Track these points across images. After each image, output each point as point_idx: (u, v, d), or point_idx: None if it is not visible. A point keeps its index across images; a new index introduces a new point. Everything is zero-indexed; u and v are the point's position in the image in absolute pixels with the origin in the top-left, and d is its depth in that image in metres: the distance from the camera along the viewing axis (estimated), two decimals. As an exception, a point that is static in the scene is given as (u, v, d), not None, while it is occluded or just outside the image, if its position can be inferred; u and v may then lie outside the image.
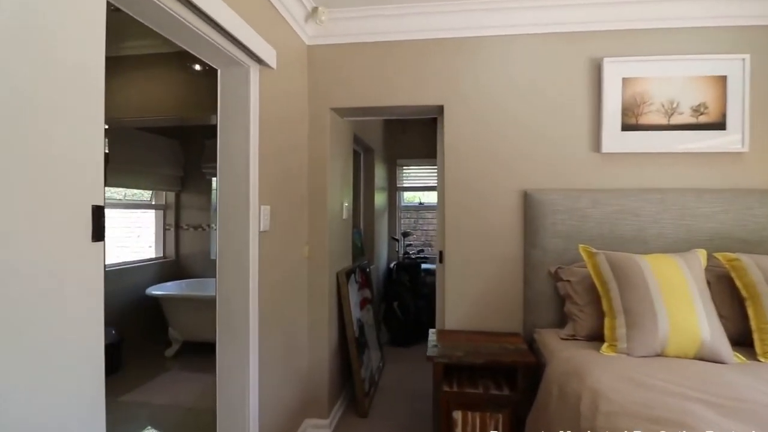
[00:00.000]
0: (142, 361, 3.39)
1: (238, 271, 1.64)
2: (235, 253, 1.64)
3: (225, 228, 1.66)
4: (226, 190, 1.66)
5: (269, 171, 1.81)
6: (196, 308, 3.44)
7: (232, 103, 1.66)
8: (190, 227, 4.27)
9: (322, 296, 2.34)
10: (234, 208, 1.65)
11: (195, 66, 2.45)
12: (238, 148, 1.65)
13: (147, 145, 3.74)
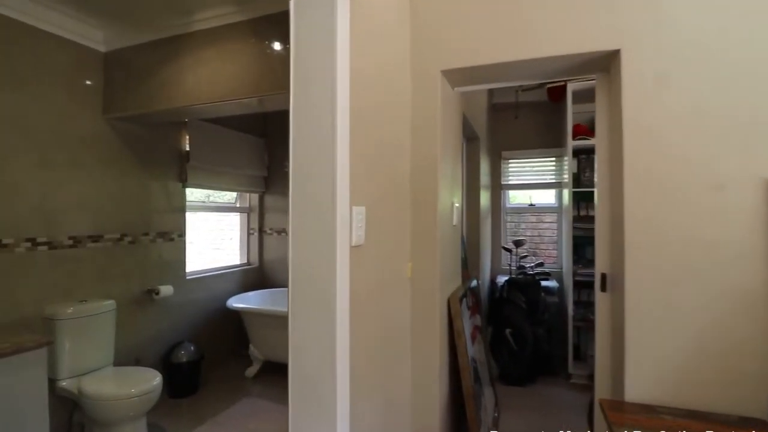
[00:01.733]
0: (221, 381, 3.08)
1: (318, 309, 1.06)
2: (314, 283, 1.06)
3: (299, 243, 1.09)
4: (300, 183, 1.09)
5: (361, 153, 1.21)
6: (277, 325, 3.04)
7: (310, 47, 1.08)
8: (274, 231, 3.96)
9: (430, 332, 1.69)
10: (311, 210, 1.07)
11: (274, 45, 2.00)
12: (319, 116, 1.07)
13: (231, 143, 3.48)
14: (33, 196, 2.07)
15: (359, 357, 1.20)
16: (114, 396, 1.97)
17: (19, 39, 2.00)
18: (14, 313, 1.99)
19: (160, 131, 2.80)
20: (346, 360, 1.09)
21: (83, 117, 2.31)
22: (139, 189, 2.66)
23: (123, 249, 2.55)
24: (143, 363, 2.60)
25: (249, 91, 2.02)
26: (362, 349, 1.23)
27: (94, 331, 2.21)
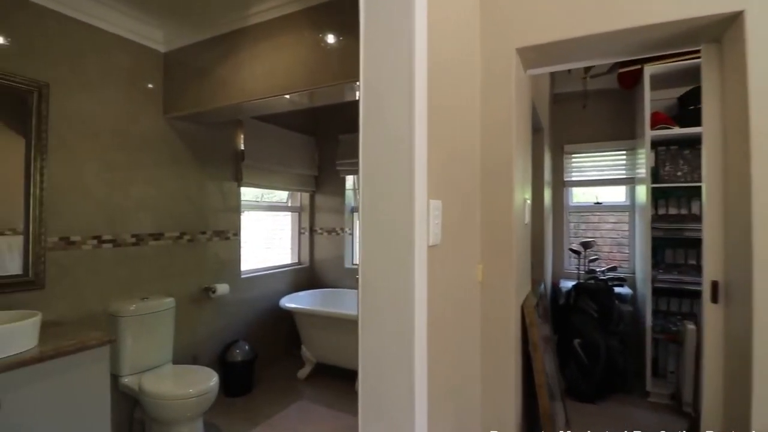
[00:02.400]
0: (274, 381, 3.05)
1: (393, 320, 0.92)
2: (388, 289, 0.92)
3: (370, 242, 0.95)
4: (372, 174, 0.96)
5: (434, 141, 1.06)
6: (329, 327, 2.96)
7: (383, 22, 0.94)
8: (324, 231, 3.90)
9: (504, 344, 1.50)
10: (384, 204, 0.93)
11: (328, 35, 1.90)
12: (394, 100, 0.92)
13: (283, 142, 3.46)
14: (99, 195, 2.12)
15: (436, 374, 1.04)
16: (172, 396, 1.96)
17: (85, 41, 2.05)
18: (82, 308, 2.03)
19: (217, 130, 2.82)
20: (424, 377, 0.94)
21: (145, 118, 2.34)
22: (196, 188, 2.68)
23: (182, 247, 2.57)
24: (200, 361, 2.62)
25: (303, 83, 1.94)
26: (438, 364, 1.07)
27: (154, 328, 2.23)
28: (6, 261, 1.79)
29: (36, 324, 1.55)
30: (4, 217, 1.80)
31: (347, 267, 3.80)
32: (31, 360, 1.42)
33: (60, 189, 1.94)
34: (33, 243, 1.83)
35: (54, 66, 1.92)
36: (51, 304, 1.89)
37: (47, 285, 1.89)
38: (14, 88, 1.78)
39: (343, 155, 3.71)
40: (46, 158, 1.88)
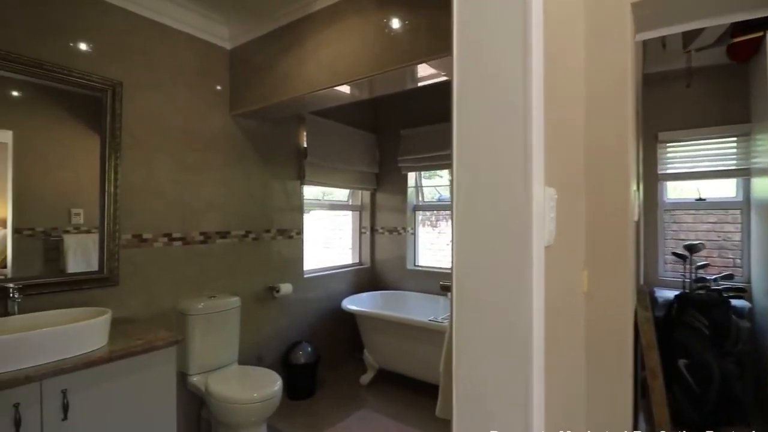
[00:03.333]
0: (336, 386, 2.94)
1: (503, 344, 0.70)
2: (495, 303, 0.70)
3: (469, 243, 0.74)
4: (471, 158, 0.74)
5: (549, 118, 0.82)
6: (394, 333, 2.79)
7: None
8: (386, 231, 3.75)
9: (616, 370, 1.21)
10: (492, 194, 0.71)
11: (394, 17, 1.73)
12: (501, 46, 0.70)
13: (345, 139, 3.36)
14: (169, 193, 2.12)
15: (552, 409, 0.81)
16: (236, 399, 1.89)
17: (155, 39, 2.06)
18: (154, 306, 2.04)
19: (280, 128, 2.77)
20: (541, 414, 0.71)
21: (212, 116, 2.33)
22: (261, 186, 2.64)
23: (247, 246, 2.54)
24: (265, 362, 2.57)
25: (370, 68, 1.78)
26: (553, 394, 0.84)
27: (221, 327, 2.20)
28: (85, 258, 1.82)
29: (106, 322, 1.53)
30: (85, 216, 1.83)
31: (409, 268, 3.61)
32: (99, 360, 1.40)
33: (132, 186, 1.96)
34: (108, 240, 1.86)
35: (126, 64, 1.94)
36: (124, 301, 1.91)
37: (121, 282, 1.91)
38: (90, 86, 1.81)
39: (405, 151, 3.53)
40: (120, 156, 1.90)
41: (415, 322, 2.62)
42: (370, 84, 2.00)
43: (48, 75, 1.67)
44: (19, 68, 1.59)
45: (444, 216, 3.72)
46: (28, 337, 1.31)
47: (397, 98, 3.64)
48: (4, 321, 1.46)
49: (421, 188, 3.77)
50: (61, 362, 1.33)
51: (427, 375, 2.68)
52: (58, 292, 1.70)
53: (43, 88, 1.70)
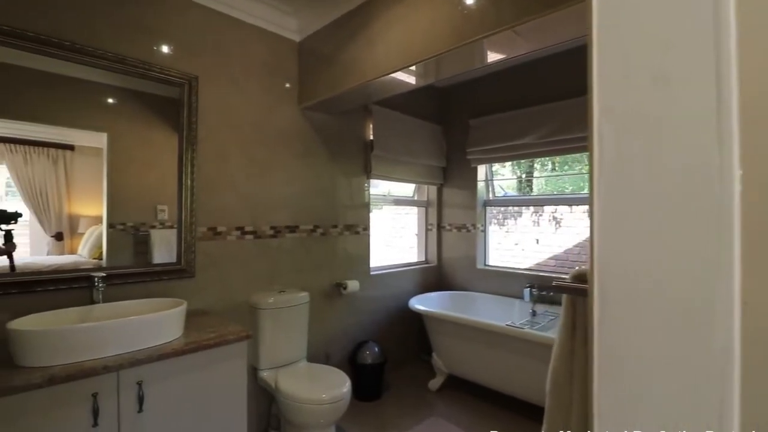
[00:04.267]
0: (403, 389, 2.78)
1: (686, 355, 0.47)
2: (676, 306, 0.48)
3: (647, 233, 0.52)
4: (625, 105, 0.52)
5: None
6: (467, 337, 2.56)
7: None
8: (453, 228, 3.52)
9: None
10: (665, 158, 0.49)
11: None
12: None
13: (411, 131, 3.19)
14: (241, 187, 2.11)
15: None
16: (305, 399, 1.80)
17: (228, 33, 2.05)
18: (227, 298, 2.04)
19: (347, 121, 2.68)
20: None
21: (281, 109, 2.29)
22: (328, 180, 2.57)
23: (315, 241, 2.48)
24: (332, 360, 2.49)
25: (445, 42, 1.58)
26: None
27: (291, 322, 2.14)
28: (168, 252, 1.85)
29: (182, 313, 1.51)
30: (169, 212, 1.86)
31: (479, 268, 3.34)
32: (173, 352, 1.37)
33: (207, 179, 1.96)
34: (185, 232, 1.87)
35: (201, 59, 1.94)
36: (199, 292, 1.91)
37: (197, 274, 1.91)
38: (169, 80, 1.83)
39: (475, 142, 3.27)
40: (196, 149, 1.90)
41: (493, 326, 2.37)
42: (437, 66, 1.82)
43: (130, 70, 1.70)
44: (104, 64, 1.63)
45: (512, 213, 3.41)
46: (106, 326, 1.30)
47: (464, 86, 3.40)
48: (88, 309, 1.50)
49: (492, 182, 3.49)
50: (138, 353, 1.31)
51: (504, 386, 2.42)
52: (140, 282, 1.73)
53: (133, 93, 1.76)
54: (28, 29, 1.45)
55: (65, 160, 1.65)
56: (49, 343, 1.20)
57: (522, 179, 3.56)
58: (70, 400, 1.18)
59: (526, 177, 3.54)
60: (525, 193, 3.49)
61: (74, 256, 1.69)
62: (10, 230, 1.49)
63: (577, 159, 3.11)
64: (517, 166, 3.55)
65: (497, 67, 3.03)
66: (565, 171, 3.27)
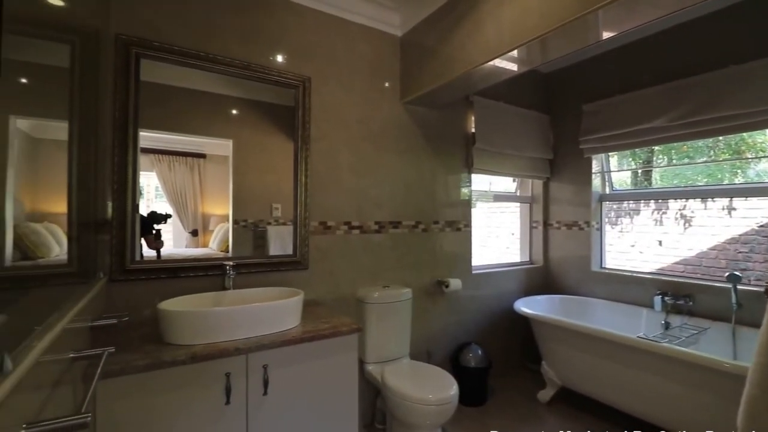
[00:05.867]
0: (509, 397, 2.56)
1: None
2: None
3: None
4: None
5: None
6: (583, 347, 2.25)
7: None
8: (562, 225, 3.16)
9: None
10: None
11: None
12: None
13: (514, 121, 2.94)
14: (348, 182, 2.13)
15: None
16: (411, 398, 1.72)
17: (336, 33, 2.09)
18: (336, 291, 2.07)
19: (448, 113, 2.56)
20: None
21: (385, 105, 2.27)
22: (430, 175, 2.47)
23: (417, 237, 2.41)
24: (434, 359, 2.39)
25: (565, 14, 1.37)
26: None
27: (394, 318, 2.10)
28: (282, 245, 1.94)
29: (300, 303, 1.55)
30: (282, 210, 1.95)
31: (594, 270, 2.94)
32: (293, 339, 1.39)
33: (318, 176, 2.01)
34: (300, 227, 1.94)
35: (313, 60, 2.00)
36: (312, 284, 1.97)
37: (310, 266, 1.97)
38: (285, 83, 1.91)
39: (590, 129, 2.88)
40: (309, 148, 1.96)
41: (621, 338, 2.03)
42: (543, 48, 1.60)
43: (253, 75, 1.81)
44: (233, 71, 1.76)
45: (628, 211, 2.93)
46: (239, 311, 1.38)
47: (573, 69, 3.03)
48: (221, 295, 1.62)
49: (609, 174, 3.05)
50: (263, 338, 1.36)
51: (633, 407, 2.06)
52: (261, 272, 1.84)
53: (253, 102, 1.88)
54: (174, 44, 1.63)
55: (199, 167, 1.82)
56: (192, 323, 1.30)
57: (639, 172, 3.05)
58: (208, 377, 1.26)
59: (644, 168, 3.02)
60: (643, 186, 2.98)
61: (206, 249, 1.86)
62: (159, 229, 1.69)
63: (708, 145, 2.55)
64: (632, 156, 3.05)
65: (617, 42, 2.63)
66: (692, 159, 2.69)
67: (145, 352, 1.22)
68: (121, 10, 1.53)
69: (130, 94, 1.51)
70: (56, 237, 1.00)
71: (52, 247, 0.97)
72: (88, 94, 1.26)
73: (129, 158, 1.51)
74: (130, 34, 1.54)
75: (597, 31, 1.52)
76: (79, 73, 1.19)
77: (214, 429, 1.27)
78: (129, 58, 1.52)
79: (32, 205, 0.90)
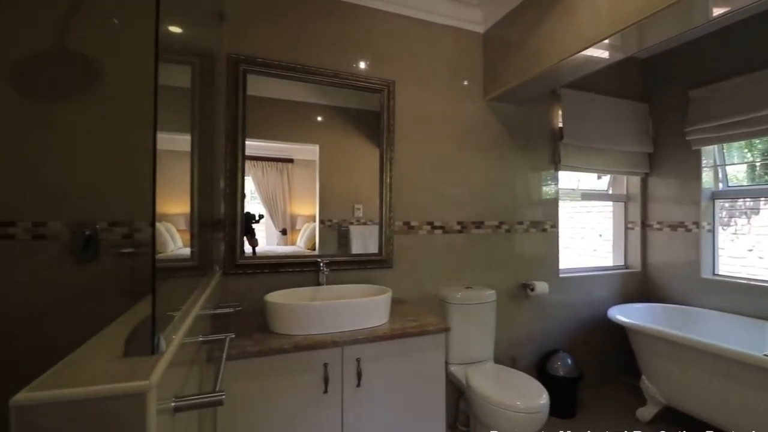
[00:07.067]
0: (602, 412, 2.33)
1: None
2: None
3: None
4: None
5: None
6: (694, 363, 1.97)
7: None
8: (664, 226, 2.80)
9: None
10: None
11: None
12: None
13: (606, 113, 2.68)
14: (430, 182, 2.11)
15: None
16: (498, 402, 1.65)
17: (419, 35, 2.08)
18: (419, 290, 2.07)
19: (533, 109, 2.41)
20: None
21: (467, 103, 2.21)
22: (513, 174, 2.36)
23: (500, 237, 2.31)
24: (519, 365, 2.27)
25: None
26: None
27: (477, 320, 2.03)
28: (363, 244, 1.99)
29: (388, 300, 1.56)
30: (364, 210, 2.00)
31: (705, 277, 2.55)
32: (383, 336, 1.41)
33: (402, 177, 2.03)
34: (385, 226, 1.97)
35: (396, 64, 2.02)
36: (396, 282, 1.98)
37: (394, 265, 1.99)
38: (371, 88, 1.95)
39: (698, 118, 2.51)
40: (394, 149, 1.98)
41: (744, 356, 1.73)
42: (644, 31, 1.41)
43: (342, 82, 1.88)
44: (324, 80, 1.85)
45: (744, 210, 2.48)
46: (335, 305, 1.44)
47: (676, 52, 2.66)
48: (316, 290, 1.70)
49: (724, 168, 2.63)
50: (356, 332, 1.40)
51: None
52: (349, 269, 1.90)
53: (336, 109, 1.95)
54: (275, 59, 1.75)
55: (287, 171, 1.94)
56: (294, 315, 1.39)
57: (756, 165, 2.57)
58: (308, 366, 1.33)
59: (764, 160, 2.54)
60: (763, 181, 2.51)
61: (294, 246, 1.97)
62: (253, 228, 1.83)
63: None
64: (747, 147, 2.58)
65: (732, 18, 2.25)
66: None
67: (256, 340, 1.32)
68: (231, 32, 1.69)
69: (239, 107, 1.66)
70: (171, 234, 1.12)
71: (169, 243, 1.10)
72: (205, 108, 1.40)
73: (238, 164, 1.66)
74: (238, 52, 1.69)
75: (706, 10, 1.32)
76: (199, 90, 1.33)
77: (313, 415, 1.34)
78: (238, 74, 1.67)
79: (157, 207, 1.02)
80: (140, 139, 1.36)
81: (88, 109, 1.37)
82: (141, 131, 1.37)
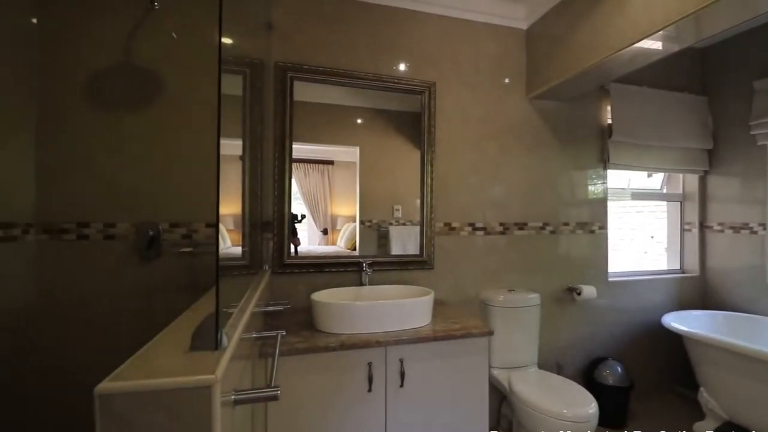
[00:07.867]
0: (655, 424, 2.17)
1: None
2: None
3: None
4: None
5: None
6: (759, 376, 1.79)
7: None
8: (726, 227, 2.57)
9: None
10: None
11: None
12: None
13: (659, 107, 2.50)
14: (471, 183, 2.07)
15: None
16: (542, 409, 1.58)
17: (460, 35, 2.04)
18: (461, 291, 2.03)
19: (579, 105, 2.30)
20: None
21: (510, 102, 2.14)
22: (558, 173, 2.25)
23: (544, 239, 2.22)
24: (564, 372, 2.17)
25: None
26: None
27: (520, 323, 1.96)
28: (402, 245, 1.98)
29: (431, 302, 1.55)
30: (403, 211, 1.99)
31: (775, 283, 2.33)
32: (426, 337, 1.40)
33: (442, 178, 2.00)
34: (425, 227, 1.95)
35: (437, 65, 1.99)
36: (437, 283, 1.96)
37: (435, 266, 1.97)
38: (412, 90, 1.94)
39: (764, 111, 2.28)
40: (435, 151, 1.96)
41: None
42: (704, 20, 1.29)
43: (384, 85, 1.89)
44: (366, 83, 1.86)
45: None
46: (379, 306, 1.44)
47: (737, 40, 2.43)
48: (359, 290, 1.72)
49: (798, 165, 2.37)
50: (400, 333, 1.40)
51: None
52: (391, 270, 1.90)
53: (376, 111, 1.95)
54: (320, 65, 1.79)
55: (328, 173, 1.97)
56: (340, 314, 1.41)
57: None
58: (353, 365, 1.34)
59: None
60: None
61: (335, 246, 2.00)
62: (296, 228, 1.87)
63: None
64: None
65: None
66: None
67: (303, 337, 1.35)
68: (279, 41, 1.74)
69: (286, 112, 1.71)
70: (222, 234, 1.17)
71: (220, 243, 1.14)
72: (254, 114, 1.45)
73: (286, 167, 1.71)
74: (285, 60, 1.74)
75: None
76: (250, 97, 1.38)
77: (359, 413, 1.35)
78: (285, 81, 1.72)
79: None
80: (197, 145, 1.44)
81: (150, 119, 1.47)
82: (197, 137, 1.45)
